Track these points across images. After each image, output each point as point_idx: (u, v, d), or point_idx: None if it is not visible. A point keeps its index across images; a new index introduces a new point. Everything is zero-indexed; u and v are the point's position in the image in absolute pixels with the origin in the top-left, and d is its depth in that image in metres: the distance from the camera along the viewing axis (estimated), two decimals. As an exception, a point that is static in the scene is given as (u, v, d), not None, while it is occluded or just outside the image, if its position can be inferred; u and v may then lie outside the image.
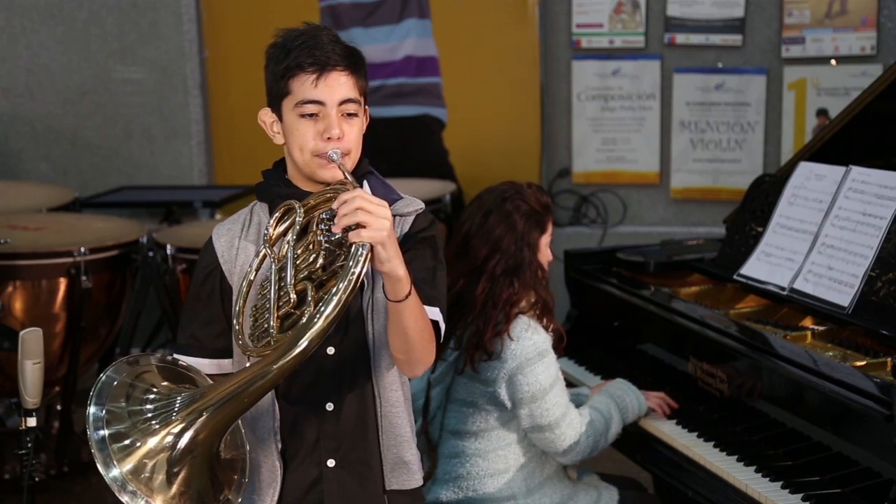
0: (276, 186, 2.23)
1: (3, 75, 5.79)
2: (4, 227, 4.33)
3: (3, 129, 5.83)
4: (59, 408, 4.46)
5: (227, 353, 2.24)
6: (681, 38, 5.36)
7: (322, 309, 1.92)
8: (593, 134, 5.55)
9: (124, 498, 1.92)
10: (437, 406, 2.96)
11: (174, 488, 1.94)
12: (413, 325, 2.08)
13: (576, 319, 3.64)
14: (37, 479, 2.73)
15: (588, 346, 3.53)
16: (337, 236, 2.02)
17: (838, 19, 5.15)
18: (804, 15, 5.18)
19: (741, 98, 5.33)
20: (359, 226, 1.96)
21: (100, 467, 1.92)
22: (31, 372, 2.68)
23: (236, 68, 5.71)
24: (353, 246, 1.96)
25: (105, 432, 1.93)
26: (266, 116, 2.23)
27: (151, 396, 1.98)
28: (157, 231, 4.69)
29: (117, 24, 5.70)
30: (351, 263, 1.94)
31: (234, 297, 2.18)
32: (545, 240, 2.95)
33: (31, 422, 2.70)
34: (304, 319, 1.96)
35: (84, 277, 4.12)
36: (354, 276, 1.93)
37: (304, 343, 1.92)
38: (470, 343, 2.85)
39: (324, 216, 2.06)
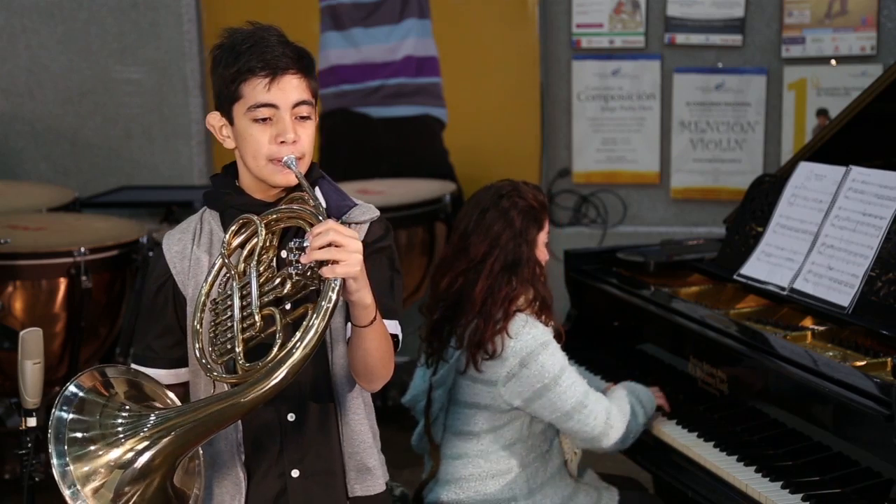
0: (227, 195, 2.20)
1: (3, 75, 5.79)
2: (4, 227, 4.32)
3: (3, 129, 5.83)
4: (59, 408, 4.45)
5: (182, 362, 2.24)
6: (681, 38, 5.36)
7: (298, 343, 1.91)
8: (593, 134, 5.55)
9: (65, 491, 1.87)
10: (440, 408, 2.95)
11: None
12: (376, 347, 2.07)
13: (576, 319, 3.63)
14: (37, 479, 2.72)
15: (588, 346, 3.52)
16: (306, 267, 1.98)
17: (838, 19, 5.15)
18: (804, 15, 5.18)
19: (741, 98, 5.33)
20: (332, 261, 1.93)
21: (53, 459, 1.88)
22: (31, 372, 2.68)
23: (236, 68, 5.69)
24: (326, 281, 1.93)
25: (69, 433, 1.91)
26: (214, 120, 2.19)
27: (125, 413, 1.94)
28: (157, 231, 4.68)
29: (117, 24, 5.70)
30: (324, 300, 1.92)
31: (191, 310, 2.16)
32: (542, 237, 2.94)
33: (31, 422, 2.70)
34: (276, 349, 1.95)
35: (84, 277, 4.12)
36: (329, 310, 1.92)
37: (279, 375, 1.90)
38: (471, 342, 2.84)
39: (292, 245, 2.00)
